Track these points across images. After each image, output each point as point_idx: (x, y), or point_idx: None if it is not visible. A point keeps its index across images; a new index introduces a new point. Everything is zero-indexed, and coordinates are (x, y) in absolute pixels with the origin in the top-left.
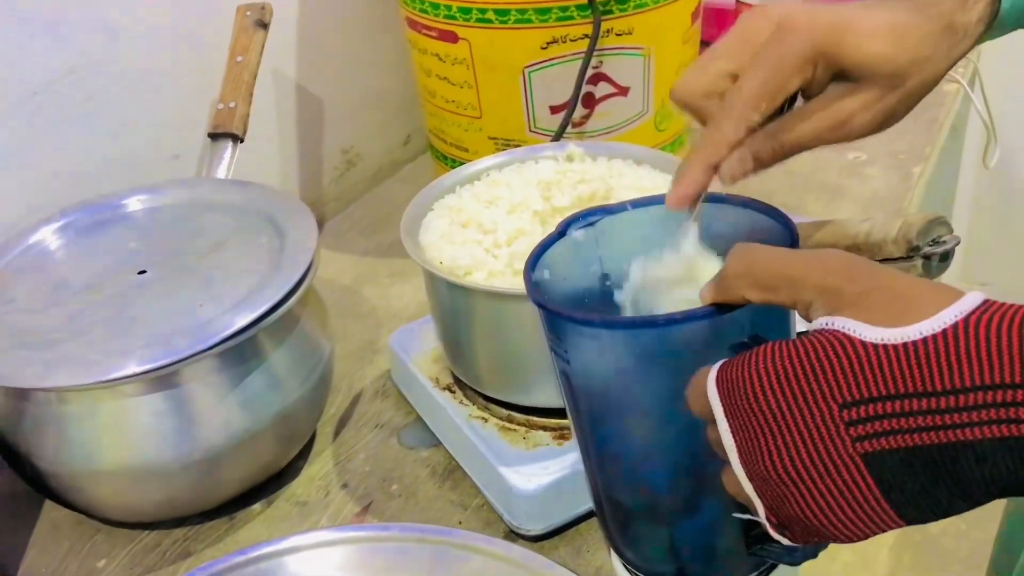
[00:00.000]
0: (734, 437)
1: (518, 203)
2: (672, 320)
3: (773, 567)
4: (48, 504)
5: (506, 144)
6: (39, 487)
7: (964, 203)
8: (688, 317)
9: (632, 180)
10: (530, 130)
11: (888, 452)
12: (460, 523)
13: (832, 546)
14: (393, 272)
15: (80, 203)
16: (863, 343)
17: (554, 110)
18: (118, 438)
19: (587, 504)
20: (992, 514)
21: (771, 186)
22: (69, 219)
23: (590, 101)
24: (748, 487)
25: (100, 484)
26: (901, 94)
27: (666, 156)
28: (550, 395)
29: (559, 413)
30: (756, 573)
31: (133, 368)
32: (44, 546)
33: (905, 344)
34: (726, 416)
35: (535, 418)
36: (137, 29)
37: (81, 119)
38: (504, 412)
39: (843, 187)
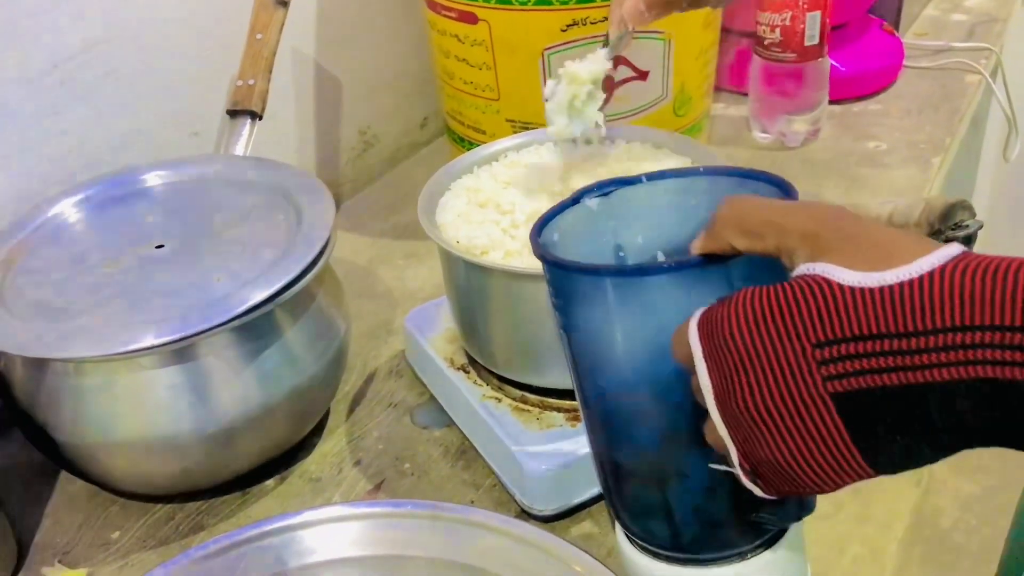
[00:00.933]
0: (710, 377)
1: (536, 184)
2: (661, 268)
3: (774, 540)
4: (63, 476)
5: (524, 126)
6: (55, 458)
7: (983, 196)
8: (676, 266)
9: (651, 163)
10: None
11: (858, 392)
12: (472, 502)
13: (841, 538)
14: (408, 254)
15: (99, 177)
16: (840, 286)
17: None
18: (134, 410)
19: (599, 486)
20: (1004, 510)
21: (789, 175)
22: (88, 193)
23: (609, 85)
24: (723, 430)
25: (115, 456)
26: None
27: (685, 139)
28: (564, 376)
29: (573, 395)
30: (755, 546)
31: (150, 340)
32: (59, 517)
33: (882, 288)
34: (704, 358)
35: (549, 399)
36: (158, 5)
37: (101, 94)
38: (518, 393)
39: (862, 176)
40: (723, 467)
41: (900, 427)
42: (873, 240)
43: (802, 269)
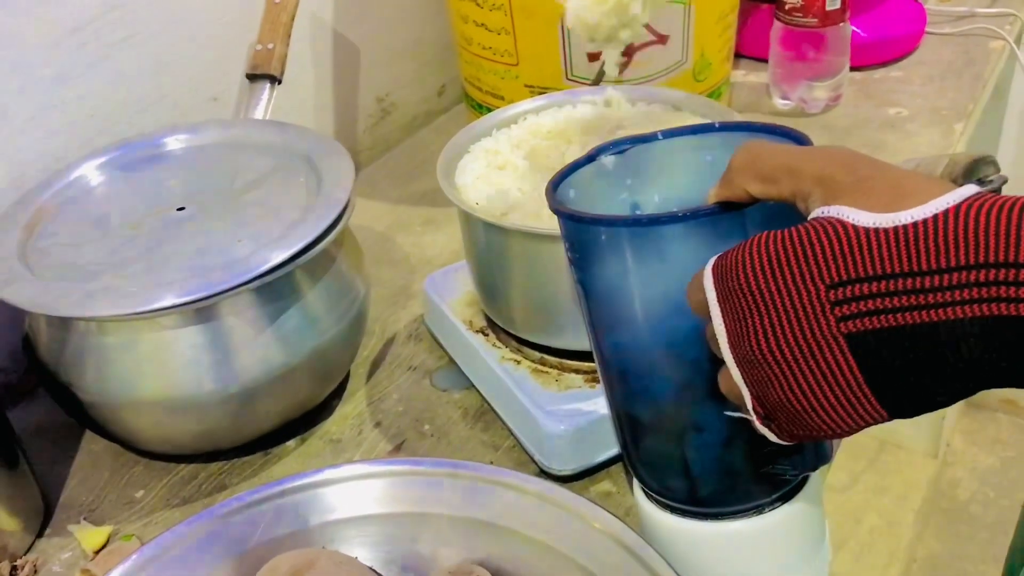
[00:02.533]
0: (724, 322)
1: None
2: (676, 217)
3: (789, 496)
4: (88, 436)
5: (542, 91)
6: (80, 418)
7: (1006, 163)
8: (692, 215)
9: (671, 125)
10: (567, 78)
11: (871, 332)
12: (491, 462)
13: (858, 509)
14: (426, 220)
15: (121, 141)
16: (854, 227)
17: (591, 57)
18: (157, 369)
19: (617, 447)
20: (1021, 483)
21: None
22: (110, 156)
23: (628, 49)
24: (736, 374)
25: (139, 415)
26: None
27: (705, 101)
28: (583, 338)
29: (591, 356)
30: (772, 500)
31: (172, 300)
32: (84, 476)
33: (896, 228)
34: (718, 301)
35: (567, 361)
36: None
37: (121, 57)
38: (536, 355)
39: (883, 142)
40: (738, 414)
41: (913, 367)
42: (888, 182)
43: (817, 212)
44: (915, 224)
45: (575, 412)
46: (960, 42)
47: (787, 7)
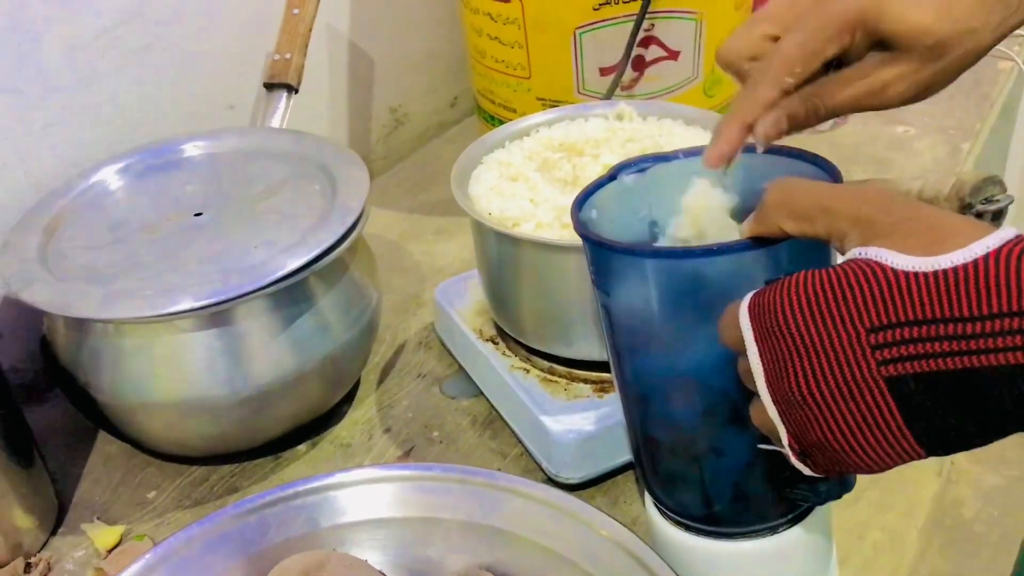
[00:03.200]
0: (762, 361)
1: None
2: (710, 251)
3: (804, 514)
4: (102, 437)
5: (554, 104)
6: (95, 418)
7: (1013, 183)
8: (726, 248)
9: (682, 140)
10: (579, 91)
11: (912, 376)
12: (499, 470)
13: (861, 525)
14: (438, 229)
15: (140, 147)
16: (894, 270)
17: (604, 72)
18: (172, 372)
19: (625, 456)
20: None
21: None
22: (129, 161)
23: (640, 64)
24: (773, 412)
25: (153, 417)
26: (941, 66)
27: (717, 116)
28: (592, 348)
29: (600, 366)
30: (786, 520)
31: (188, 304)
32: (98, 476)
33: (935, 272)
34: (755, 340)
35: (576, 371)
36: None
37: (141, 64)
38: (546, 364)
39: (890, 160)
40: (771, 447)
41: (954, 410)
42: (926, 223)
43: (854, 253)
44: (955, 269)
45: (583, 421)
46: None
47: None
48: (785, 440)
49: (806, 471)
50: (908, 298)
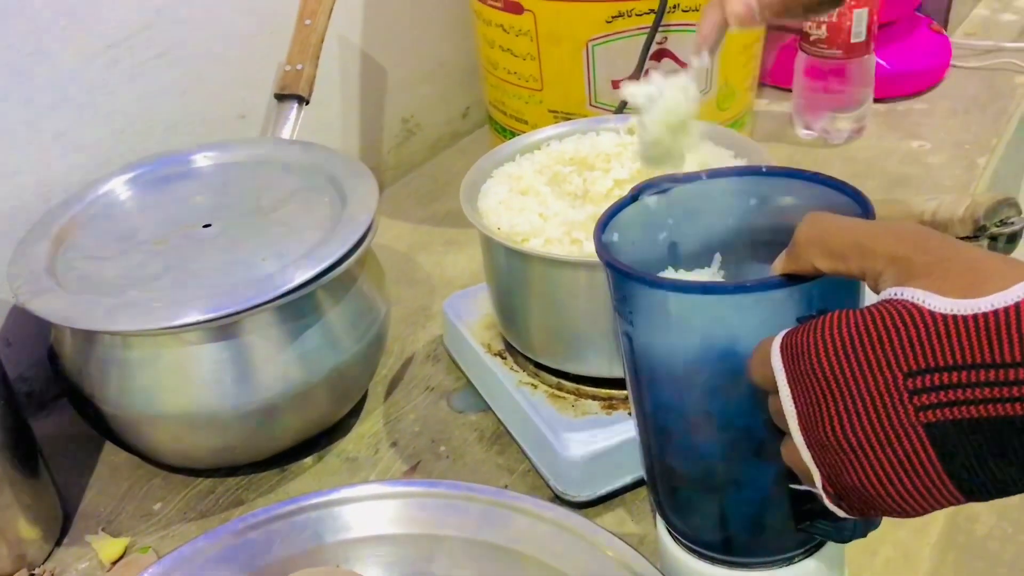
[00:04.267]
0: (795, 404)
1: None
2: (742, 288)
3: (820, 545)
4: (107, 449)
5: (566, 117)
6: (101, 429)
7: None
8: (759, 285)
9: (694, 155)
10: (591, 104)
11: (951, 423)
12: (506, 486)
13: (873, 541)
14: (448, 241)
15: (149, 157)
16: (932, 313)
17: (616, 85)
18: (179, 384)
19: (633, 474)
20: None
21: (830, 173)
22: (138, 172)
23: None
24: (807, 455)
25: (159, 429)
26: None
27: (729, 132)
28: (601, 364)
29: (608, 383)
30: (802, 551)
31: (196, 316)
32: (103, 487)
33: (975, 315)
34: (788, 383)
35: (584, 387)
36: None
37: (152, 75)
38: (554, 380)
39: (905, 176)
40: (803, 487)
41: (995, 457)
42: (963, 264)
43: (889, 293)
44: (996, 312)
45: (591, 438)
46: (985, 76)
47: (812, 38)
48: (819, 483)
49: (841, 513)
50: (947, 342)
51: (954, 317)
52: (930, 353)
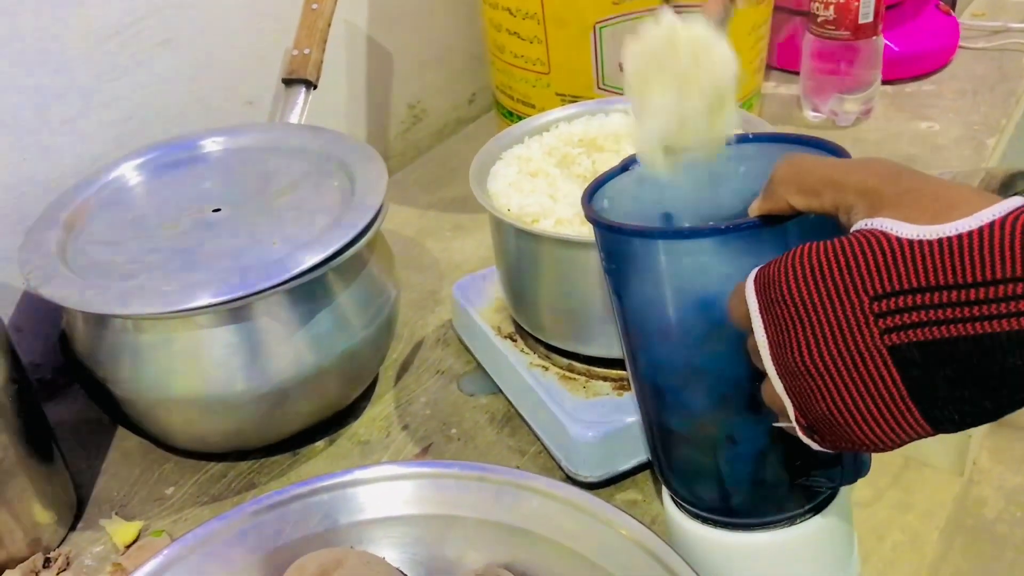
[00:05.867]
0: (766, 332)
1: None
2: (718, 230)
3: (824, 504)
4: (120, 434)
5: (573, 99)
6: (114, 414)
7: None
8: (735, 227)
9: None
10: (598, 87)
11: (916, 344)
12: (518, 468)
13: (881, 525)
14: (455, 226)
15: (158, 142)
16: (898, 239)
17: (623, 67)
18: (191, 368)
19: (644, 454)
20: None
21: None
22: (147, 157)
23: None
24: (779, 386)
25: (172, 412)
26: None
27: (740, 112)
28: (611, 345)
29: (619, 364)
30: (805, 510)
31: (207, 299)
32: (116, 472)
33: (940, 239)
34: (760, 312)
35: (595, 368)
36: None
37: (159, 61)
38: (565, 361)
39: (914, 157)
40: (782, 424)
41: (959, 381)
42: (932, 194)
43: (860, 225)
44: (959, 236)
45: (602, 419)
46: (994, 57)
47: (820, 20)
48: (792, 414)
49: (814, 446)
50: (912, 265)
51: (920, 242)
52: (896, 277)
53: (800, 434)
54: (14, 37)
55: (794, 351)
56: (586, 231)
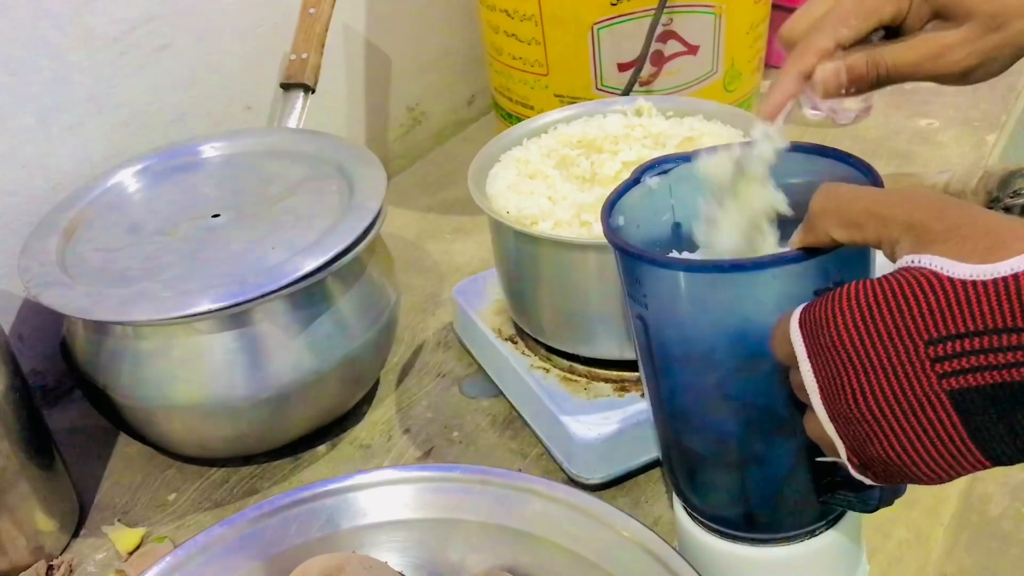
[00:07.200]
0: (816, 377)
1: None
2: (759, 264)
3: (838, 517)
4: (122, 440)
5: (572, 101)
6: (115, 421)
7: None
8: (776, 261)
9: (702, 135)
10: (597, 87)
11: (975, 389)
12: (519, 470)
13: (886, 522)
14: (455, 228)
15: (157, 148)
16: (951, 280)
17: (622, 68)
18: (191, 374)
19: (646, 456)
20: None
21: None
22: (147, 163)
23: (658, 59)
24: (830, 428)
25: (172, 419)
26: (1002, 37)
27: (737, 111)
28: (612, 347)
29: (620, 365)
30: (822, 524)
31: (207, 305)
32: (118, 478)
33: (995, 280)
34: (808, 356)
35: (596, 370)
36: None
37: (158, 67)
38: (565, 363)
39: (914, 153)
40: (829, 459)
41: (1020, 422)
42: (981, 228)
43: (906, 260)
44: (1016, 276)
45: (604, 421)
46: None
47: None
48: (844, 454)
49: (867, 482)
50: (967, 308)
51: (973, 283)
52: (950, 320)
53: (853, 472)
54: (13, 43)
55: (848, 397)
56: (585, 233)
